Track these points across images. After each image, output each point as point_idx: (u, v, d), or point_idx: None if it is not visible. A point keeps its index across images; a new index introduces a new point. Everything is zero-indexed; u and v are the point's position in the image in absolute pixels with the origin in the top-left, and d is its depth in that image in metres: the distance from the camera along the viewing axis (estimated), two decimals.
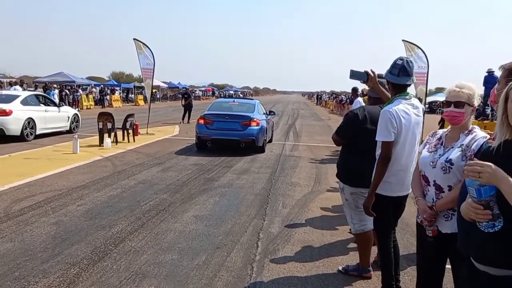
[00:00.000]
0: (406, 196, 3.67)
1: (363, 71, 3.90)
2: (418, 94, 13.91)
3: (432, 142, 2.84)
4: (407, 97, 3.55)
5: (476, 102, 2.65)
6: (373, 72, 3.86)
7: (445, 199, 2.65)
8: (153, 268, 4.34)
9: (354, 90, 12.81)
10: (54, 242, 4.96)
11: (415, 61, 13.96)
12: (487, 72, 15.10)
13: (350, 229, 5.39)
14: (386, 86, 3.80)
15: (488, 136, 2.57)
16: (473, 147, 2.56)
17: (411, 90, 3.81)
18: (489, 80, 14.69)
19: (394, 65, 3.50)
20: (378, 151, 3.53)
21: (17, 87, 22.69)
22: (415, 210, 2.91)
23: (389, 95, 3.71)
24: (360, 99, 12.12)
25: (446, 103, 2.67)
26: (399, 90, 3.54)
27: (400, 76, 3.48)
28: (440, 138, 2.81)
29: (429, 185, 2.75)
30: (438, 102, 44.22)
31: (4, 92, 17.02)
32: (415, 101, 3.62)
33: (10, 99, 13.93)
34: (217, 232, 5.54)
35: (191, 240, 5.19)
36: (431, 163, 2.70)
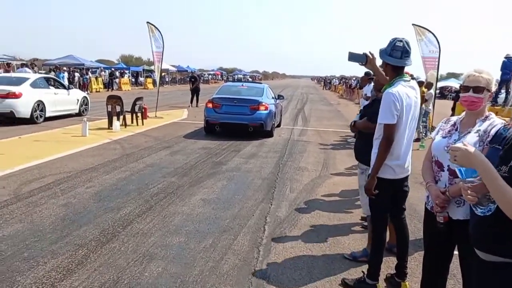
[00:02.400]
0: (406, 178, 3.65)
1: (362, 53, 3.84)
2: (429, 78, 13.73)
3: (445, 128, 2.78)
4: (407, 79, 3.50)
5: (493, 87, 2.59)
6: (372, 54, 3.80)
7: (459, 184, 2.61)
8: (161, 250, 4.37)
9: (367, 75, 12.68)
10: (63, 223, 5.01)
11: (426, 45, 13.76)
12: (505, 57, 14.81)
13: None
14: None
15: (505, 122, 2.51)
16: (491, 132, 2.46)
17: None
18: (508, 65, 14.43)
19: (395, 47, 3.42)
20: (377, 134, 3.50)
21: (26, 68, 22.76)
22: (423, 196, 2.89)
23: (386, 77, 3.66)
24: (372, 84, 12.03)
25: (464, 88, 2.58)
26: (399, 71, 3.48)
27: (402, 58, 3.43)
28: (454, 125, 2.75)
29: (443, 171, 2.70)
30: (449, 88, 43.71)
31: (14, 74, 17.09)
32: (414, 83, 3.58)
33: (19, 81, 13.99)
34: (224, 215, 5.56)
35: (199, 223, 5.22)
36: (446, 148, 2.65)
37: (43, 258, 4.07)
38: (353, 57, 3.85)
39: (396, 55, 3.42)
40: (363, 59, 3.82)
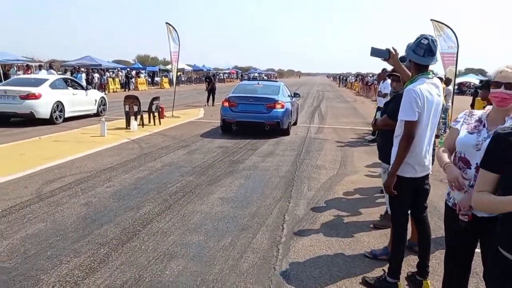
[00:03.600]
0: (427, 176, 3.61)
1: (384, 48, 3.80)
2: (448, 74, 13.54)
3: (470, 123, 2.71)
4: (430, 76, 3.46)
5: None
6: (395, 50, 3.76)
7: None
8: (180, 249, 4.41)
9: (384, 71, 12.57)
10: (84, 222, 5.09)
11: (445, 40, 13.57)
12: None
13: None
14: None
15: None
16: None
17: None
18: None
19: (419, 44, 3.38)
20: (398, 131, 3.46)
21: (52, 70, 23.21)
22: (443, 193, 2.85)
23: (409, 73, 3.62)
24: (389, 81, 11.92)
25: (495, 84, 2.51)
26: (422, 69, 3.45)
27: (425, 57, 3.38)
28: (480, 120, 2.67)
29: (469, 168, 2.62)
30: (468, 83, 43.08)
31: (33, 76, 17.38)
32: (437, 81, 3.53)
33: (39, 82, 14.21)
34: (242, 214, 5.57)
35: (217, 222, 5.25)
36: (476, 146, 2.58)
37: (66, 257, 4.14)
38: (375, 52, 3.82)
39: (419, 53, 3.37)
40: (386, 54, 3.79)
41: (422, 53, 3.37)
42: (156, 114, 14.51)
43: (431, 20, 13.99)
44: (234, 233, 4.89)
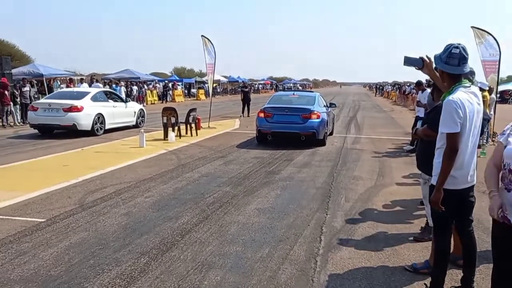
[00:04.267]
0: (471, 188, 3.50)
1: (418, 57, 3.74)
2: (490, 83, 13.16)
3: None
4: (467, 85, 3.37)
5: None
6: (429, 58, 3.69)
7: None
8: (218, 259, 4.44)
9: (419, 84, 12.37)
10: (125, 232, 5.21)
11: (486, 48, 13.22)
12: None
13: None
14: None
15: None
16: None
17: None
18: None
19: (451, 55, 3.30)
20: (440, 143, 3.39)
21: (99, 84, 24.17)
22: (486, 205, 2.77)
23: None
24: (429, 90, 11.70)
25: None
26: (457, 79, 3.37)
27: (460, 66, 3.32)
28: None
29: None
30: (510, 91, 41.62)
31: (76, 89, 18.02)
32: (475, 89, 3.44)
33: (81, 96, 14.74)
34: (279, 225, 5.57)
35: (254, 233, 5.26)
36: None
37: (108, 266, 4.25)
38: (409, 61, 3.77)
39: (453, 63, 3.31)
40: (420, 63, 3.73)
41: (456, 62, 3.30)
42: (193, 125, 14.74)
43: (472, 27, 13.66)
44: (272, 244, 4.89)
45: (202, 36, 17.96)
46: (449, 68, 3.34)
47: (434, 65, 3.69)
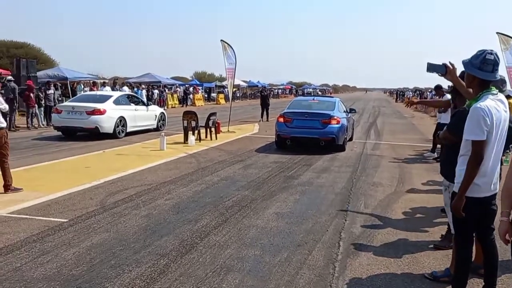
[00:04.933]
0: (493, 196, 3.45)
1: (441, 63, 3.71)
2: None
3: None
4: (494, 92, 3.33)
5: None
6: (452, 65, 3.65)
7: None
8: (237, 263, 4.46)
9: (438, 88, 12.23)
10: (145, 233, 5.28)
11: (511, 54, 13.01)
12: None
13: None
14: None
15: None
16: None
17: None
18: None
19: (485, 60, 3.25)
20: (464, 150, 3.35)
21: (125, 87, 24.65)
22: None
23: (471, 90, 3.50)
24: (449, 96, 11.55)
25: None
26: (485, 86, 3.33)
27: (493, 72, 3.28)
28: None
29: None
30: None
31: (98, 92, 18.33)
32: (502, 97, 3.40)
33: (103, 99, 14.99)
34: (298, 230, 5.57)
35: (273, 237, 5.27)
36: None
37: (128, 266, 4.31)
38: (432, 67, 3.74)
39: (487, 69, 3.26)
40: (443, 69, 3.70)
41: (490, 69, 3.26)
42: (212, 129, 14.84)
43: (497, 33, 13.46)
44: (290, 249, 4.89)
45: (221, 40, 18.11)
46: (482, 74, 3.29)
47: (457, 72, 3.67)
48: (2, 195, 6.89)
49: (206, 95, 48.30)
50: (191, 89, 42.61)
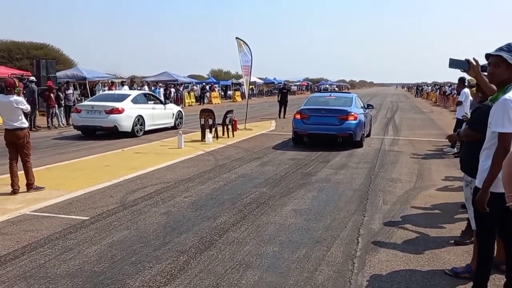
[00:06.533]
0: None
1: (464, 59, 3.65)
2: None
3: None
4: None
5: None
6: (476, 61, 3.60)
7: None
8: (256, 259, 4.49)
9: (461, 80, 12.03)
10: (165, 230, 5.34)
11: None
12: None
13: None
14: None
15: None
16: None
17: None
18: None
19: None
20: (488, 143, 3.29)
21: (145, 87, 24.98)
22: None
23: (494, 86, 3.43)
24: (466, 90, 11.38)
25: None
26: None
27: None
28: None
29: None
30: None
31: (117, 91, 18.53)
32: None
33: (122, 98, 15.15)
34: (316, 226, 5.57)
35: (291, 234, 5.28)
36: None
37: (149, 263, 4.37)
38: (454, 63, 3.69)
39: None
40: (466, 65, 3.64)
41: None
42: (229, 126, 14.89)
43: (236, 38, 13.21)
44: (308, 246, 4.90)
45: (236, 38, 18.11)
46: None
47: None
48: (25, 193, 7.04)
49: (222, 93, 48.42)
50: (207, 87, 42.77)
